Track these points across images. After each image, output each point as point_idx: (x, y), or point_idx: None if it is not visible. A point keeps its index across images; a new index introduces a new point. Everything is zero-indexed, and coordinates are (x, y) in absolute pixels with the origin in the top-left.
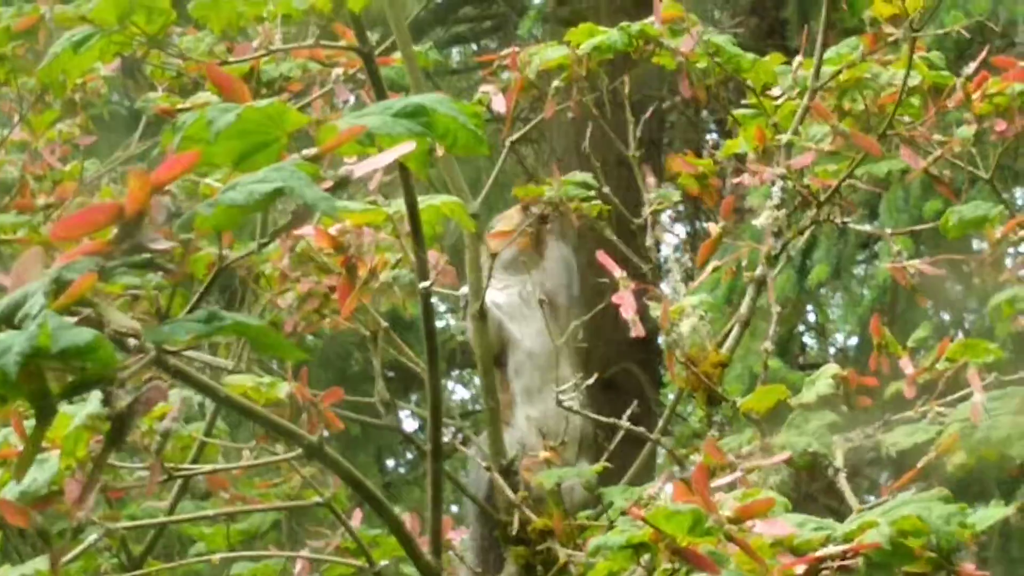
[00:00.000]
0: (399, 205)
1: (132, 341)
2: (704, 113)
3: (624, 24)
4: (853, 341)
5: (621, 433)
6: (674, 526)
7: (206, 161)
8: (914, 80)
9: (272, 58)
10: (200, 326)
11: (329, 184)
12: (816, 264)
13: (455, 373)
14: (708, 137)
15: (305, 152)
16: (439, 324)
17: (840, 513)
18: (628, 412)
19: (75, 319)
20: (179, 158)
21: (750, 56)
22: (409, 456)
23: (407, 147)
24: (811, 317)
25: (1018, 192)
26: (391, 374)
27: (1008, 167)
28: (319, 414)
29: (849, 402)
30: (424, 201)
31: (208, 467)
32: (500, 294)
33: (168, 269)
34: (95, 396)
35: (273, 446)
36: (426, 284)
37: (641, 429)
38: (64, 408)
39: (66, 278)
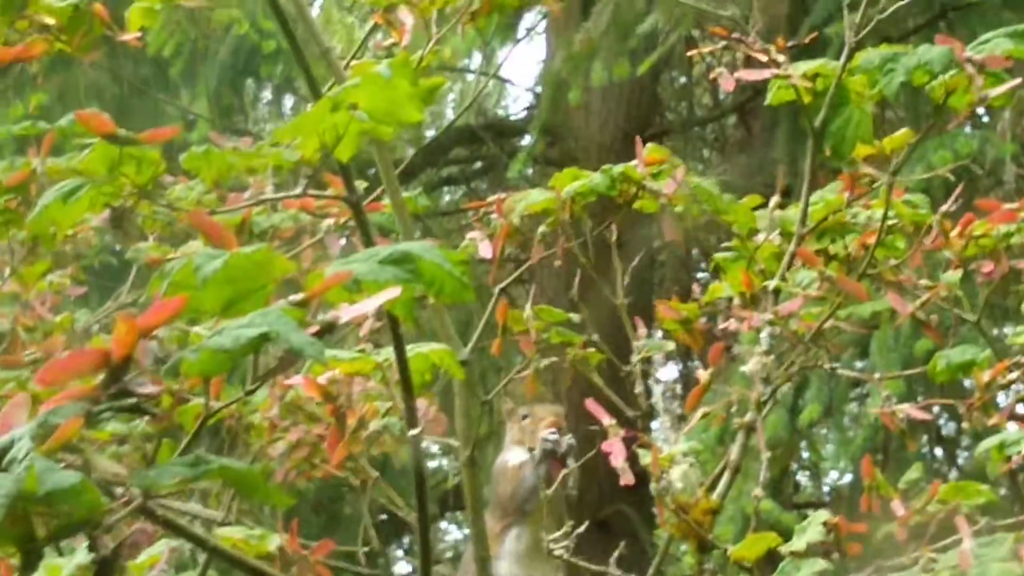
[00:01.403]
0: (388, 353)
1: (118, 488)
2: (695, 252)
3: (606, 167)
4: (847, 479)
5: None
6: None
7: (194, 307)
8: (895, 220)
9: (264, 209)
10: (186, 470)
11: (316, 329)
12: (808, 404)
13: (448, 514)
14: (699, 276)
15: (292, 298)
16: (432, 465)
17: None
18: (616, 554)
19: (61, 465)
20: (166, 304)
21: (727, 197)
22: None
23: (393, 292)
24: (804, 455)
25: (1008, 329)
26: (383, 517)
27: (998, 304)
28: (309, 567)
29: (840, 549)
30: (413, 349)
31: None
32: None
33: (155, 414)
34: (83, 548)
35: None
36: (415, 432)
37: None
38: (54, 559)
39: (52, 423)
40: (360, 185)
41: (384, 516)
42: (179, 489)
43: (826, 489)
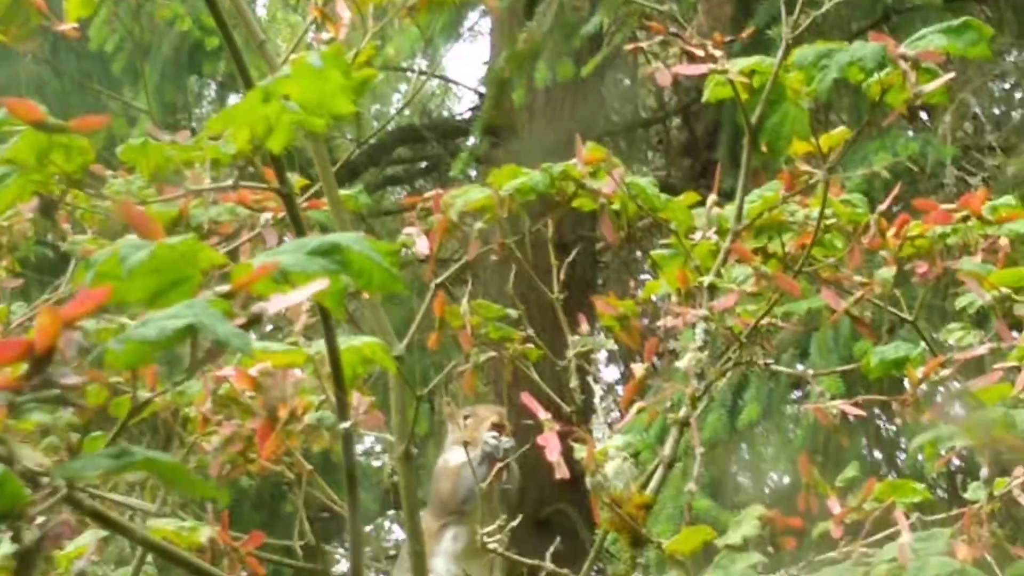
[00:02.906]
0: (320, 346)
1: (44, 479)
2: (638, 253)
3: (546, 165)
4: (787, 480)
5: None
6: None
7: (119, 298)
8: (832, 220)
9: (201, 202)
10: (110, 462)
11: (243, 321)
12: (747, 404)
13: (390, 512)
14: (642, 277)
15: (218, 289)
16: (376, 463)
17: None
18: (552, 549)
19: None
20: (90, 294)
21: (663, 197)
22: None
23: (320, 284)
24: (745, 456)
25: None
26: (324, 515)
27: (937, 307)
28: (240, 558)
29: (775, 543)
30: (345, 343)
31: None
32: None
33: (79, 405)
34: (6, 540)
35: None
36: (346, 425)
37: (566, 571)
38: None
39: None
40: (300, 182)
41: (325, 514)
42: (104, 480)
43: (766, 490)
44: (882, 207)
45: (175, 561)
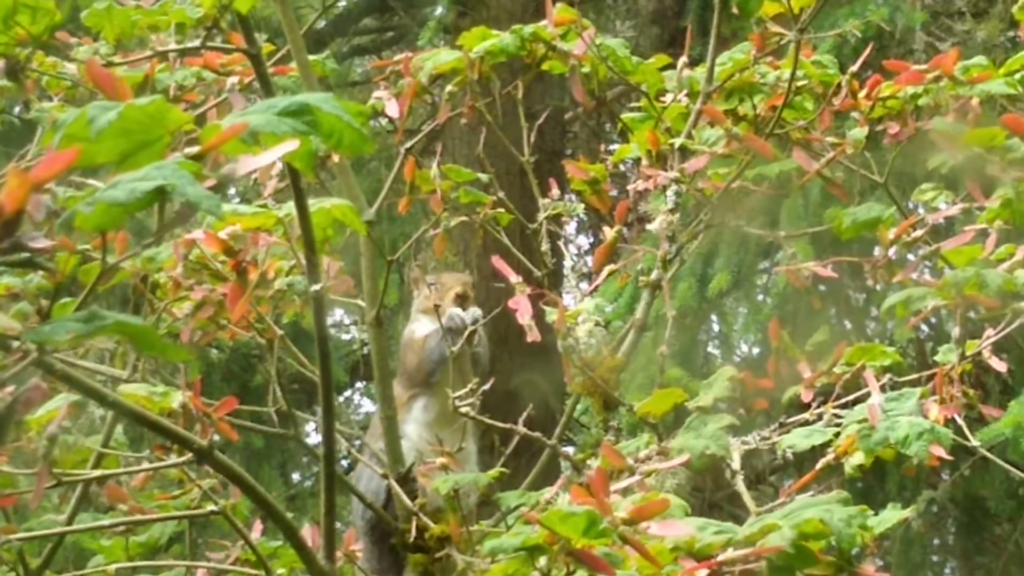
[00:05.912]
0: (290, 208)
1: (14, 343)
2: (608, 125)
3: (516, 27)
4: (757, 350)
5: (516, 440)
6: (569, 527)
7: (88, 160)
8: (803, 81)
9: (167, 66)
10: (81, 325)
11: (213, 182)
12: (717, 273)
13: (360, 385)
14: (612, 148)
15: (188, 150)
16: (345, 337)
17: (744, 520)
18: (524, 415)
19: None
20: (59, 155)
21: (634, 59)
22: (315, 469)
23: (291, 145)
24: (715, 327)
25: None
26: (295, 386)
27: (908, 173)
28: (212, 423)
29: (746, 405)
30: (315, 204)
31: (97, 472)
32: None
33: (48, 268)
34: None
35: (168, 456)
36: (317, 287)
37: (537, 434)
38: None
39: None
40: (268, 48)
41: (295, 386)
42: (75, 347)
43: (737, 359)
44: (853, 68)
45: (147, 424)
